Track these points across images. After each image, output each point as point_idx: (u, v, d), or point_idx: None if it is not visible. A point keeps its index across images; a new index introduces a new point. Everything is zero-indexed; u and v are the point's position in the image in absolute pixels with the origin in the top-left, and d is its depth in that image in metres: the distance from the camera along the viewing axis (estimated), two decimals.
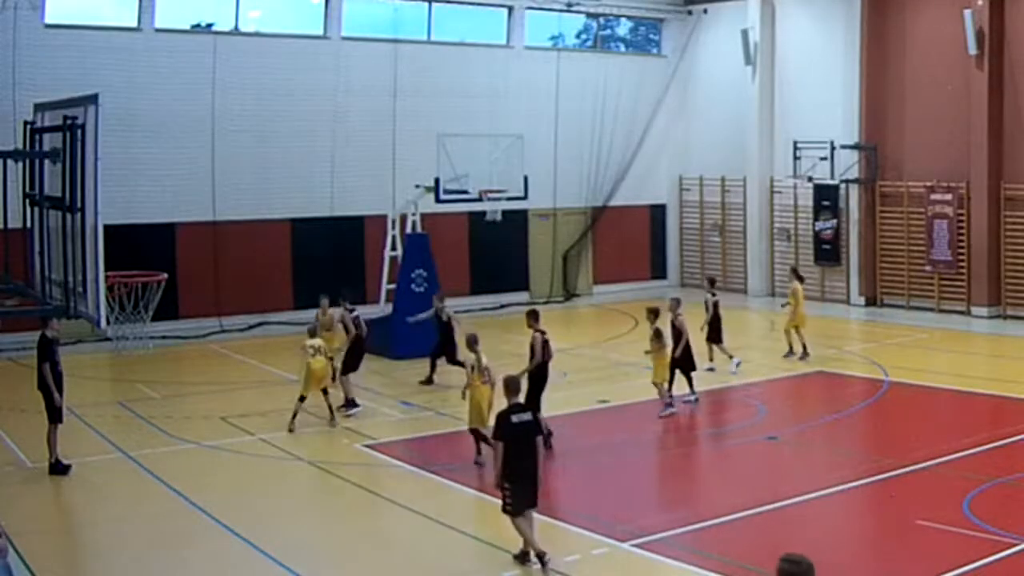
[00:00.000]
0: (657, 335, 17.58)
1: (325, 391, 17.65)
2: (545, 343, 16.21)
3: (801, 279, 23.28)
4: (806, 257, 31.40)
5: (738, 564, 11.50)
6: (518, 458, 11.17)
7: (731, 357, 21.03)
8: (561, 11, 32.30)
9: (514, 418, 11.29)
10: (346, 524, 13.40)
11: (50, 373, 14.89)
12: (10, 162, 11.66)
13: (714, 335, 21.18)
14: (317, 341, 17.82)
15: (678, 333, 18.11)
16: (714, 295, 21.61)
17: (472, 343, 15.43)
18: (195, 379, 21.67)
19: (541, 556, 11.21)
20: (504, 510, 11.32)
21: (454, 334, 20.36)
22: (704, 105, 34.04)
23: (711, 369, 20.71)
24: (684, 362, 18.27)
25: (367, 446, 16.35)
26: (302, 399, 17.34)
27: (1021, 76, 26.44)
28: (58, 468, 14.88)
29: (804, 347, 22.37)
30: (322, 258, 27.95)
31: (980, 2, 26.46)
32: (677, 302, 18.66)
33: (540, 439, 11.58)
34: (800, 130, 30.28)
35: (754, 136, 32.08)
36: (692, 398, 18.41)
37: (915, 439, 16.20)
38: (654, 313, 17.73)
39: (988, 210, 26.91)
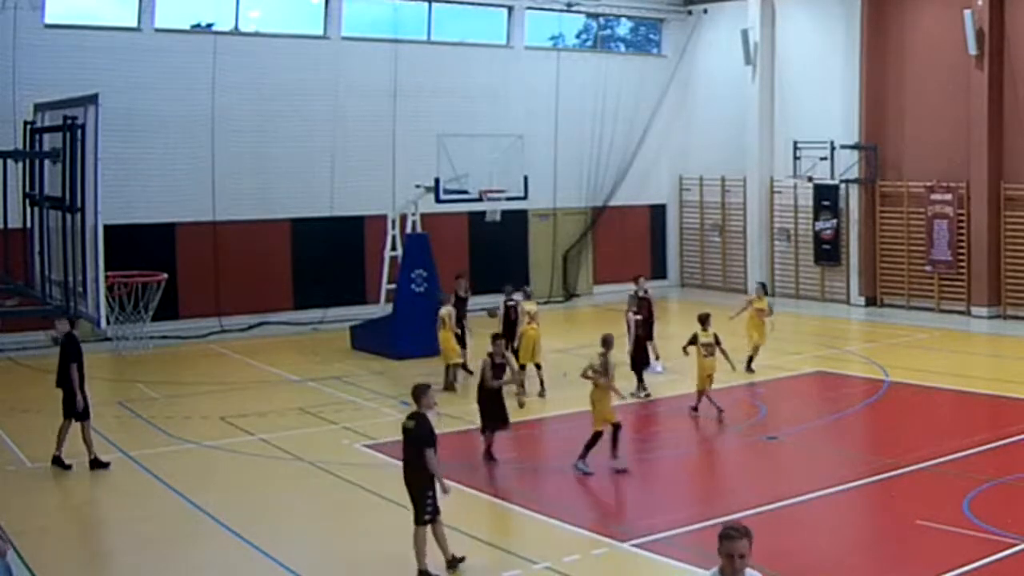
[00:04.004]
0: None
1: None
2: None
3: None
4: (806, 257, 31.42)
5: None
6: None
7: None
8: (561, 11, 32.30)
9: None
10: (346, 524, 13.39)
11: (77, 372, 15.02)
12: (10, 162, 11.65)
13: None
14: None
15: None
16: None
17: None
18: (195, 379, 21.67)
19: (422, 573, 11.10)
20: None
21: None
22: (704, 105, 34.04)
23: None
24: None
25: (367, 446, 16.35)
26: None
27: (1021, 76, 26.44)
28: (60, 462, 14.99)
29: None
30: (322, 258, 27.98)
31: (980, 2, 26.45)
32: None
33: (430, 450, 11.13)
34: (800, 130, 30.27)
35: (754, 136, 32.08)
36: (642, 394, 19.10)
37: (915, 439, 16.20)
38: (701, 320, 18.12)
39: (988, 210, 26.90)
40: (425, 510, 11.08)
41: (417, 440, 11.16)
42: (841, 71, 29.88)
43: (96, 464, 15.11)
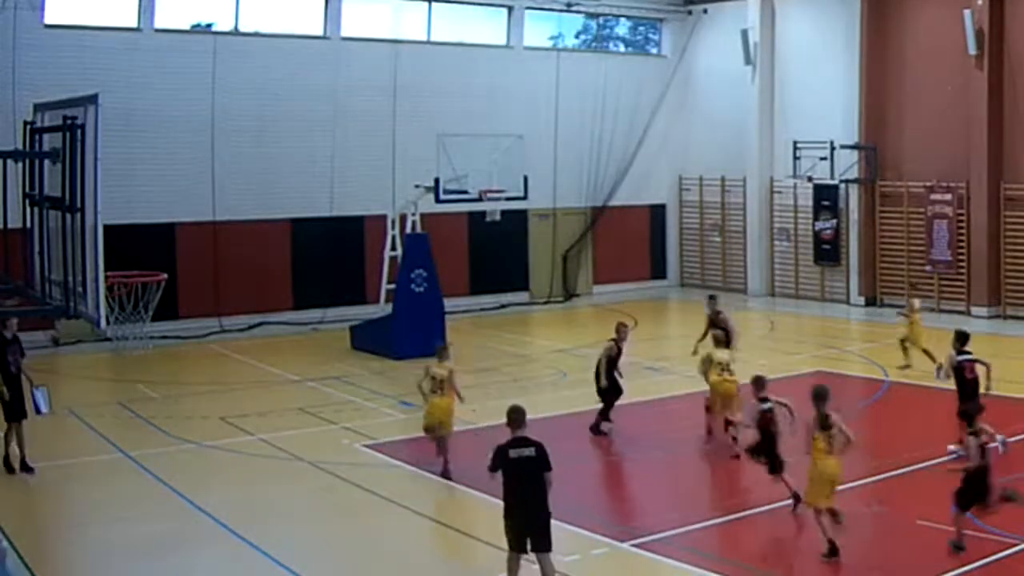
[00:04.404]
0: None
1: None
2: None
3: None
4: (806, 257, 31.42)
5: (738, 564, 11.51)
6: (512, 494, 10.47)
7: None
8: (561, 11, 32.32)
9: (512, 452, 10.50)
10: (346, 524, 13.40)
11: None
12: (10, 162, 11.65)
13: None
14: (725, 355, 16.00)
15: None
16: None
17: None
18: (195, 379, 21.67)
19: None
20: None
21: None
22: (704, 105, 34.04)
23: None
24: None
25: (367, 446, 16.36)
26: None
27: (1021, 76, 26.44)
28: (25, 467, 14.90)
29: None
30: (322, 258, 27.99)
31: (980, 2, 26.46)
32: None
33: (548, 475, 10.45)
34: (800, 130, 30.28)
35: (754, 136, 32.08)
36: None
37: (915, 439, 16.19)
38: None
39: (988, 210, 26.91)
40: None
41: (540, 465, 10.45)
42: (841, 71, 29.87)
43: (24, 467, 14.96)
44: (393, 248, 24.70)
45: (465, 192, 24.05)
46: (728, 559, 11.57)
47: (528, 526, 10.34)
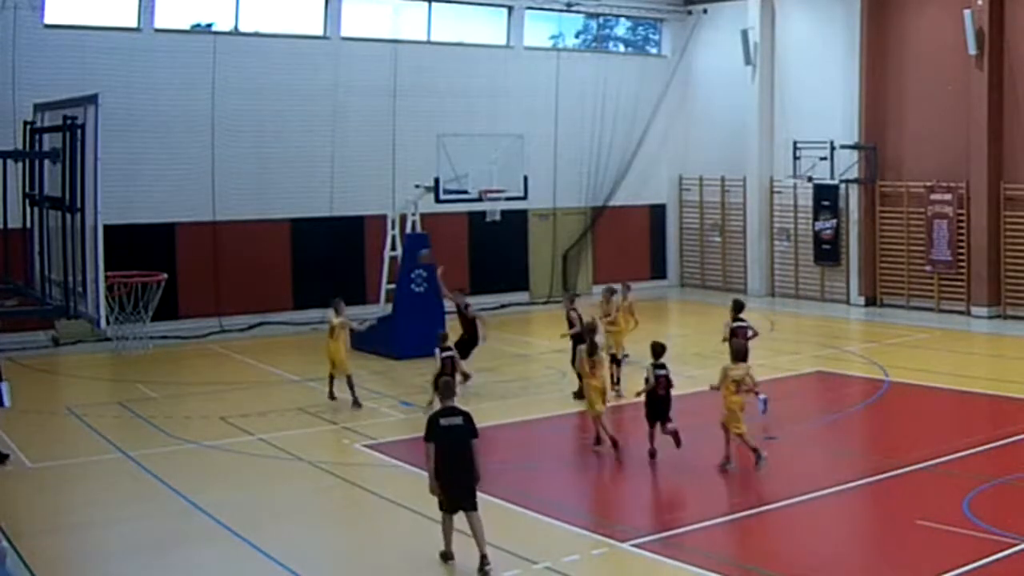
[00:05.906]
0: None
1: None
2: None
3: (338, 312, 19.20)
4: (806, 257, 31.42)
5: (738, 564, 11.51)
6: (444, 461, 11.25)
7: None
8: (561, 11, 32.32)
9: (443, 421, 11.33)
10: (346, 524, 13.41)
11: None
12: (10, 162, 11.67)
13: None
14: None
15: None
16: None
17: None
18: (195, 379, 21.67)
19: (445, 556, 11.41)
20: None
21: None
22: (704, 105, 34.04)
23: None
24: None
25: (367, 446, 16.36)
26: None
27: (1021, 76, 26.44)
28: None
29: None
30: (322, 258, 27.97)
31: (980, 2, 26.46)
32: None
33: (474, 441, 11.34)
34: (800, 130, 30.27)
35: (754, 136, 32.08)
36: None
37: (915, 439, 16.20)
38: None
39: (988, 210, 26.90)
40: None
41: (468, 433, 11.38)
42: (841, 71, 29.88)
43: None
44: (393, 248, 24.71)
45: (465, 192, 24.05)
46: (728, 559, 11.57)
47: (456, 488, 11.27)
